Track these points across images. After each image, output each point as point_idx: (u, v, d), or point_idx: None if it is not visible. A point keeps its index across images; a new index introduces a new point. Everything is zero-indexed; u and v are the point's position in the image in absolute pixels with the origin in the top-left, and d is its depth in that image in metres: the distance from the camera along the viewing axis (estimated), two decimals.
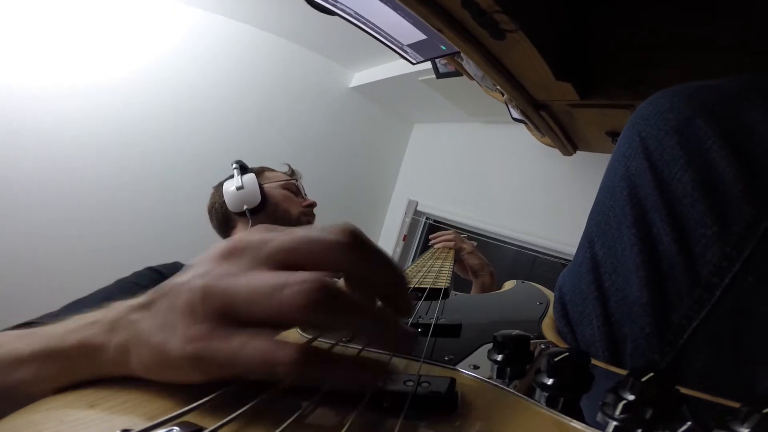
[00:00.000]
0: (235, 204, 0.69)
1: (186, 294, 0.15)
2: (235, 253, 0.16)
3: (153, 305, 0.16)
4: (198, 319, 0.15)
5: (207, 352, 0.14)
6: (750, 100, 0.21)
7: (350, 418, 0.14)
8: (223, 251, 0.16)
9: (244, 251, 0.16)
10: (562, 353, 0.17)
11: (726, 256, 0.19)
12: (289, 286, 0.14)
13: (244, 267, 0.15)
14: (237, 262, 0.16)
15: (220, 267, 0.16)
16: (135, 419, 0.14)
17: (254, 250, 0.16)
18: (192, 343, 0.14)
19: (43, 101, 1.23)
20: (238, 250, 0.16)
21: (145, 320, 0.16)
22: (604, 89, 0.61)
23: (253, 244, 0.16)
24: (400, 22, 0.58)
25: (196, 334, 0.14)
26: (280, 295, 0.14)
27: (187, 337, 0.14)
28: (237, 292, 0.14)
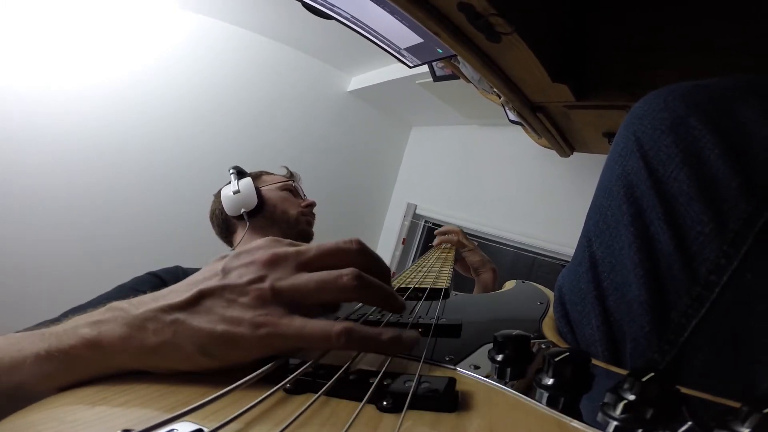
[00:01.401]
0: (233, 208, 0.70)
1: (256, 293, 0.19)
2: (279, 261, 0.21)
3: (200, 304, 0.19)
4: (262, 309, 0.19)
5: (278, 330, 0.18)
6: (744, 99, 0.21)
7: (351, 417, 0.14)
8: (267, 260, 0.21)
9: (285, 259, 0.21)
10: (563, 353, 0.17)
11: (724, 253, 0.19)
12: (343, 276, 0.20)
13: (292, 270, 0.21)
14: (284, 267, 0.21)
15: (273, 272, 0.20)
16: (136, 419, 0.14)
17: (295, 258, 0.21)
18: (264, 327, 0.18)
19: (43, 105, 1.23)
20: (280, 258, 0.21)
21: (195, 317, 0.19)
22: (600, 91, 0.61)
23: (292, 254, 0.21)
24: (396, 26, 0.59)
25: (265, 321, 0.18)
26: (339, 282, 0.20)
27: (257, 322, 0.18)
28: (306, 286, 0.20)
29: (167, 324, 0.18)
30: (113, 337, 0.18)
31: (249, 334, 0.18)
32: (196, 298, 0.19)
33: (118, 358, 0.18)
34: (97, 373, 0.18)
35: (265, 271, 0.20)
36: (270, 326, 0.18)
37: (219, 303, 0.19)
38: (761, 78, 0.23)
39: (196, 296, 0.19)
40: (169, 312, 0.19)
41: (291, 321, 0.18)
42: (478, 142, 1.54)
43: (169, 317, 0.19)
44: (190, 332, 0.18)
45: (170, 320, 0.19)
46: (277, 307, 0.19)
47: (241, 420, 0.14)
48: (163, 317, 0.19)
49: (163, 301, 0.19)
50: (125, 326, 0.18)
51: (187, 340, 0.18)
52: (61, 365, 0.18)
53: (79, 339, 0.18)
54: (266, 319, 0.18)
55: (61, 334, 0.19)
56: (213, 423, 0.13)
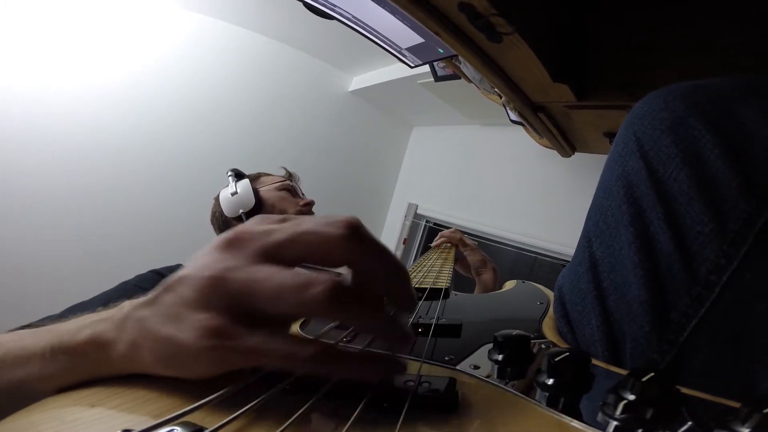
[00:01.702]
0: (231, 209, 0.71)
1: (196, 284, 0.15)
2: (236, 245, 0.16)
3: (157, 300, 0.17)
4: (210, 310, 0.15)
5: (228, 346, 0.14)
6: (744, 99, 0.21)
7: (351, 418, 0.14)
8: (224, 242, 0.16)
9: (246, 243, 0.16)
10: (563, 353, 0.17)
11: (723, 253, 0.19)
12: (314, 286, 0.14)
13: (248, 258, 0.16)
14: (239, 253, 0.16)
15: (226, 258, 0.16)
16: (136, 419, 0.14)
17: (256, 241, 0.16)
18: (209, 338, 0.14)
19: (43, 105, 1.23)
20: (240, 240, 0.16)
21: (152, 315, 0.16)
22: (601, 91, 0.61)
23: (254, 235, 0.16)
24: (397, 26, 0.59)
25: (212, 327, 0.15)
26: (305, 293, 0.14)
27: (203, 329, 0.15)
28: (259, 288, 0.15)
29: (136, 322, 0.17)
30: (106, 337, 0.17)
31: (194, 341, 0.15)
32: (160, 292, 0.17)
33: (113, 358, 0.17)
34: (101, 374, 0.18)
35: (218, 255, 0.16)
36: (219, 336, 0.14)
37: (172, 297, 0.16)
38: (761, 78, 0.23)
39: (161, 290, 0.17)
40: (138, 308, 0.17)
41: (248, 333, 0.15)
42: (479, 142, 1.53)
43: (137, 314, 0.17)
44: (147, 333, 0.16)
45: (137, 318, 0.17)
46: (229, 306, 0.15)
47: (241, 420, 0.14)
48: (134, 314, 0.17)
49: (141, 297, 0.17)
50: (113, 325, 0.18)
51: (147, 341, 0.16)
52: (65, 364, 0.18)
53: (80, 338, 0.18)
54: (216, 324, 0.15)
55: (65, 332, 0.19)
56: (213, 423, 0.13)
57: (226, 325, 0.15)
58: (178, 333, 0.15)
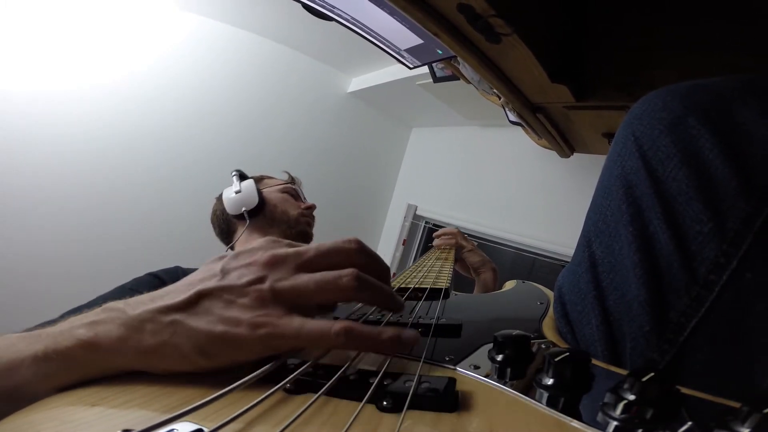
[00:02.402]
0: (234, 207, 0.71)
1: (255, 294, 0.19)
2: (278, 262, 0.21)
3: (198, 305, 0.19)
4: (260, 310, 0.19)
5: (277, 330, 0.18)
6: (742, 99, 0.21)
7: (351, 417, 0.14)
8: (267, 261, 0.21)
9: (284, 260, 0.21)
10: (562, 353, 0.17)
11: (723, 252, 0.19)
12: (342, 277, 0.20)
13: (291, 271, 0.21)
14: (283, 268, 0.21)
15: (274, 272, 0.20)
16: (136, 419, 0.15)
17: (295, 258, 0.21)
18: (263, 328, 0.18)
19: (42, 107, 1.23)
20: (280, 259, 0.21)
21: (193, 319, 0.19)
22: (600, 91, 0.62)
23: (291, 254, 0.21)
24: (396, 27, 0.59)
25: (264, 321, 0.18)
26: (339, 282, 0.20)
27: (256, 323, 0.18)
28: (306, 287, 0.20)
29: (165, 325, 0.18)
30: (110, 338, 0.18)
31: (248, 334, 0.18)
32: (194, 298, 0.19)
33: (116, 358, 0.18)
34: (96, 374, 0.18)
35: (265, 271, 0.20)
36: (269, 326, 0.18)
37: (218, 304, 0.19)
38: (759, 78, 0.23)
39: (195, 297, 0.19)
40: (167, 313, 0.19)
41: (290, 321, 0.19)
42: (478, 143, 1.54)
43: (167, 318, 0.19)
44: (189, 333, 0.18)
45: (168, 321, 0.19)
46: (276, 308, 0.19)
47: (241, 420, 0.14)
48: (161, 318, 0.19)
49: (161, 301, 0.19)
50: (122, 327, 0.18)
51: (186, 341, 0.18)
52: (59, 366, 0.18)
53: (76, 340, 0.18)
54: (265, 319, 0.18)
55: (58, 335, 0.19)
56: (213, 423, 0.13)
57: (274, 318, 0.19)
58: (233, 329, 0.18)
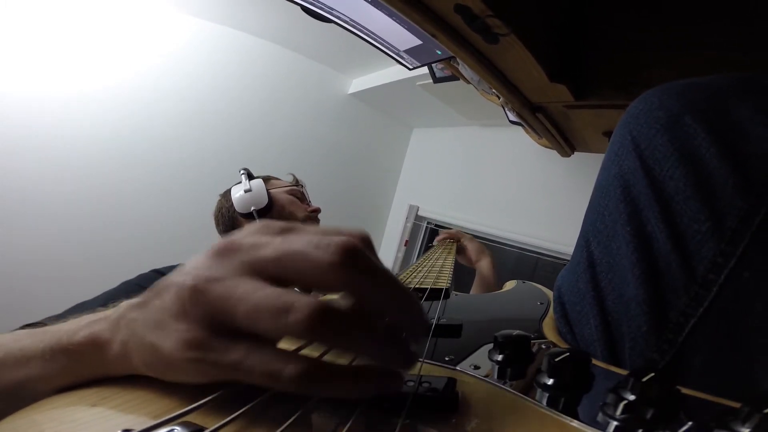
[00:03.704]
0: (243, 206, 0.71)
1: (174, 292, 0.15)
2: (226, 253, 0.16)
3: (147, 303, 0.16)
4: (190, 321, 0.15)
5: (208, 359, 0.14)
6: (738, 97, 0.21)
7: (351, 418, 0.14)
8: (216, 249, 0.16)
9: (235, 253, 0.16)
10: (563, 353, 0.17)
11: (721, 251, 0.19)
12: (294, 312, 0.13)
13: (234, 270, 0.15)
14: (227, 262, 0.15)
15: (210, 267, 0.15)
16: (136, 419, 0.14)
17: (243, 253, 0.15)
18: (191, 350, 0.14)
19: (45, 109, 1.24)
20: (230, 250, 0.16)
21: (140, 319, 0.16)
22: (599, 90, 0.62)
23: (245, 247, 0.16)
24: (395, 28, 0.59)
25: (191, 340, 0.14)
26: (285, 319, 0.13)
27: (182, 340, 0.14)
28: (236, 304, 0.14)
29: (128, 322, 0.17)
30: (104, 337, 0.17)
31: (175, 351, 0.14)
32: (151, 295, 0.16)
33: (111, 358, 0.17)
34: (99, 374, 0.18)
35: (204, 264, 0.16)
36: (199, 349, 0.14)
37: (158, 302, 0.16)
38: (755, 76, 0.23)
39: (152, 293, 0.16)
40: (130, 310, 0.17)
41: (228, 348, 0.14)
42: (479, 143, 1.54)
43: (129, 315, 0.17)
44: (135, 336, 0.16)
45: (129, 319, 0.17)
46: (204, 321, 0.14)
47: (241, 420, 0.14)
48: (126, 315, 0.17)
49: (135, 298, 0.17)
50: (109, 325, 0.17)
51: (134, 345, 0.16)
52: (65, 364, 0.18)
53: (80, 340, 0.18)
54: (195, 336, 0.14)
55: (64, 333, 0.19)
56: (213, 423, 0.13)
57: (205, 338, 0.14)
58: (161, 341, 0.15)
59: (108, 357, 0.17)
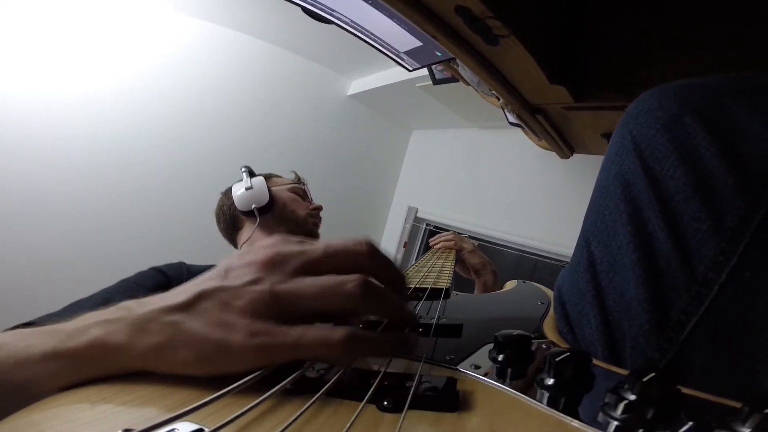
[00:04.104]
0: (244, 203, 0.71)
1: (251, 296, 0.18)
2: (279, 263, 0.19)
3: (196, 306, 0.18)
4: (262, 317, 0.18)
5: (275, 340, 0.17)
6: (737, 97, 0.21)
7: (352, 417, 0.14)
8: (267, 260, 0.19)
9: (286, 260, 0.19)
10: (563, 353, 0.17)
11: (721, 250, 0.19)
12: (347, 283, 0.18)
13: (291, 273, 0.19)
14: (284, 269, 0.19)
15: (272, 274, 0.19)
16: (137, 419, 0.14)
17: (296, 259, 0.19)
18: (259, 337, 0.17)
19: (46, 109, 1.24)
20: (281, 259, 0.19)
21: (191, 320, 0.18)
22: (598, 92, 0.62)
23: (293, 254, 0.20)
24: (395, 30, 0.59)
25: (261, 329, 0.17)
26: (343, 290, 0.18)
27: (252, 331, 0.17)
28: (305, 293, 0.18)
29: (165, 325, 0.18)
30: (118, 338, 0.18)
31: (243, 342, 0.17)
32: (194, 299, 0.18)
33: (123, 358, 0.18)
34: (104, 373, 0.18)
35: (264, 272, 0.19)
36: (266, 335, 0.17)
37: (215, 306, 0.18)
38: (754, 76, 0.23)
39: (195, 297, 0.18)
40: (168, 313, 0.18)
41: (288, 330, 0.17)
42: (478, 145, 1.54)
43: (167, 318, 0.18)
44: (186, 336, 0.18)
45: (168, 322, 0.18)
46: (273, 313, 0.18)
47: (242, 420, 0.14)
48: (162, 318, 0.18)
49: (165, 301, 0.19)
50: (128, 326, 0.18)
51: (183, 343, 0.17)
52: (68, 364, 0.18)
53: (87, 338, 0.18)
54: (262, 326, 0.17)
55: (70, 332, 0.19)
56: (214, 423, 0.13)
57: (270, 326, 0.17)
58: (229, 336, 0.17)
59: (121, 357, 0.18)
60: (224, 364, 0.17)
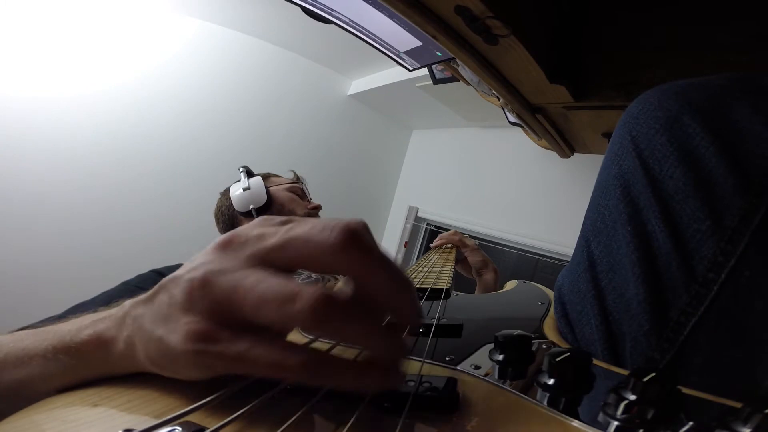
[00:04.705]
0: (242, 204, 0.71)
1: (184, 285, 0.15)
2: (231, 246, 0.16)
3: (154, 299, 0.17)
4: (197, 313, 0.15)
5: (211, 351, 0.14)
6: (737, 97, 0.21)
7: (352, 418, 0.14)
8: (221, 243, 0.16)
9: (241, 245, 0.16)
10: (563, 353, 0.17)
11: (721, 250, 0.19)
12: (299, 300, 0.13)
13: (241, 262, 0.15)
14: (233, 255, 0.16)
15: (218, 260, 0.16)
16: (137, 419, 0.14)
17: (249, 245, 0.16)
18: (195, 342, 0.14)
19: (46, 110, 1.24)
20: (236, 243, 0.16)
21: (147, 314, 0.16)
22: (598, 91, 0.62)
23: (251, 238, 0.16)
24: (395, 30, 0.59)
25: (198, 331, 0.14)
26: (291, 307, 0.13)
27: (189, 333, 0.14)
28: (243, 295, 0.14)
29: (132, 319, 0.17)
30: (108, 335, 0.17)
31: (180, 344, 0.14)
32: (156, 290, 0.17)
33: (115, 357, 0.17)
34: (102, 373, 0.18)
35: (211, 256, 0.16)
36: (205, 340, 0.14)
37: (164, 297, 0.16)
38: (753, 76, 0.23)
39: (157, 288, 0.17)
40: (136, 306, 0.17)
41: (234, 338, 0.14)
42: (478, 145, 1.54)
43: (134, 312, 0.17)
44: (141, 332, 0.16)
45: (134, 315, 0.17)
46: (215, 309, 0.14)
47: (242, 419, 0.14)
48: (131, 312, 0.17)
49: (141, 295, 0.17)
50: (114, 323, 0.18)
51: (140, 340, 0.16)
52: (66, 365, 0.18)
53: (84, 338, 0.18)
54: (203, 327, 0.14)
55: (67, 333, 0.19)
56: (214, 423, 0.13)
57: (211, 330, 0.14)
58: (167, 334, 0.15)
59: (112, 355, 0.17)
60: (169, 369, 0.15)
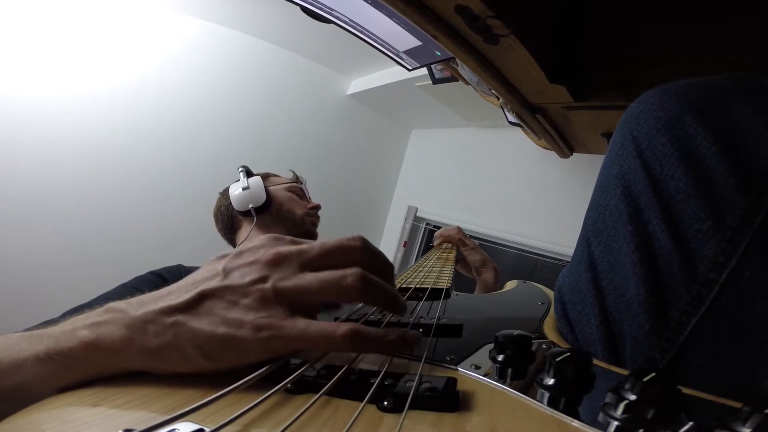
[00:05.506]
0: (241, 204, 0.71)
1: (259, 294, 0.19)
2: (282, 261, 0.21)
3: (200, 306, 0.19)
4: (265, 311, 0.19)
5: (281, 333, 0.18)
6: (738, 97, 0.21)
7: (351, 417, 0.14)
8: (270, 259, 0.20)
9: (288, 259, 0.21)
10: (564, 353, 0.17)
11: (722, 251, 0.19)
12: (347, 276, 0.19)
13: (295, 270, 0.20)
14: (287, 267, 0.20)
15: (277, 272, 0.20)
16: (137, 419, 0.15)
17: (298, 257, 0.21)
18: (266, 330, 0.18)
19: (45, 110, 1.24)
20: (283, 258, 0.21)
21: (195, 319, 0.18)
22: (598, 91, 0.62)
23: (294, 253, 0.21)
24: (395, 29, 0.59)
25: (267, 323, 0.18)
26: (343, 282, 0.19)
27: (258, 325, 0.18)
28: (309, 286, 0.19)
29: (168, 326, 0.18)
30: (113, 339, 0.18)
31: (251, 336, 0.18)
32: (196, 299, 0.19)
33: (118, 359, 0.18)
34: (98, 375, 0.18)
35: (268, 271, 0.20)
36: (272, 328, 0.18)
37: (220, 304, 0.19)
38: (754, 76, 0.23)
39: (197, 297, 0.19)
40: (169, 314, 0.19)
41: (294, 323, 0.18)
42: (478, 144, 1.54)
43: (169, 319, 0.18)
44: (191, 334, 0.18)
45: (170, 322, 0.18)
46: (279, 309, 0.19)
47: (242, 420, 0.14)
48: (163, 319, 0.18)
49: (163, 302, 0.19)
50: (125, 328, 0.18)
51: (188, 342, 0.18)
52: (61, 367, 0.18)
53: (78, 341, 0.18)
54: (268, 321, 0.18)
55: (60, 335, 0.19)
56: (214, 423, 0.13)
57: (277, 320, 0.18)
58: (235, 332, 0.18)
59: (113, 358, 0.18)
60: (231, 359, 0.18)
